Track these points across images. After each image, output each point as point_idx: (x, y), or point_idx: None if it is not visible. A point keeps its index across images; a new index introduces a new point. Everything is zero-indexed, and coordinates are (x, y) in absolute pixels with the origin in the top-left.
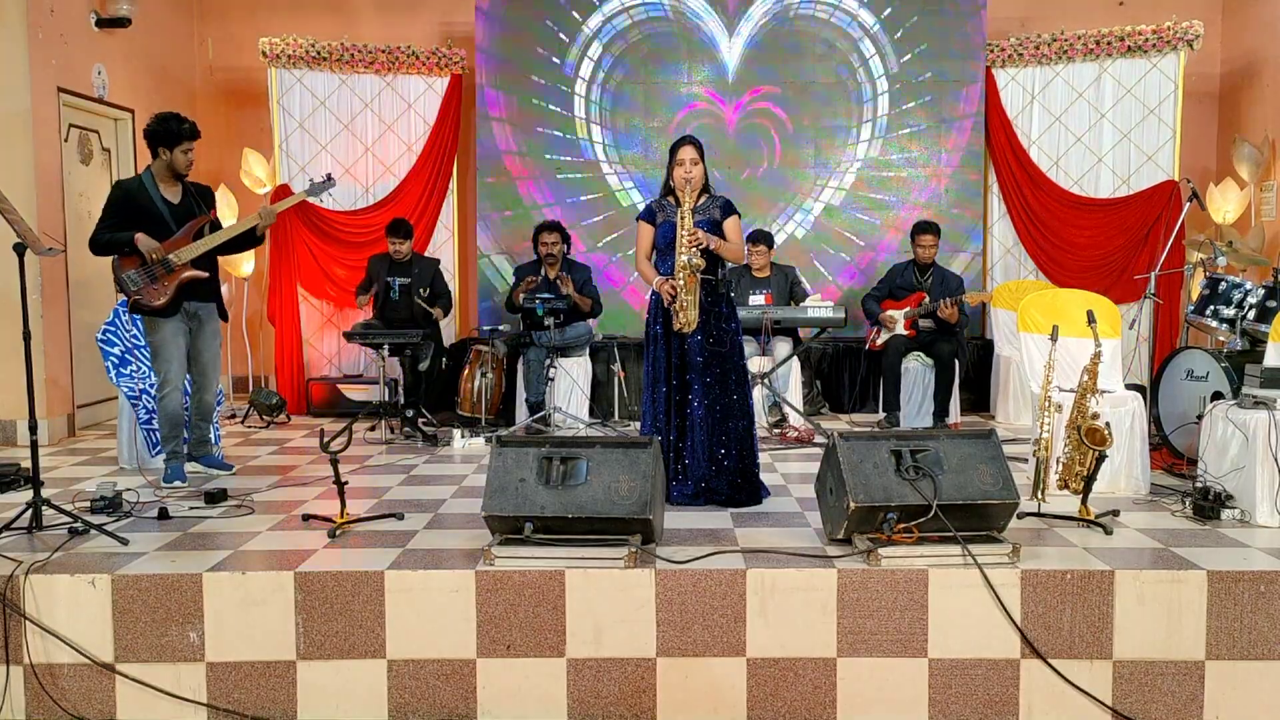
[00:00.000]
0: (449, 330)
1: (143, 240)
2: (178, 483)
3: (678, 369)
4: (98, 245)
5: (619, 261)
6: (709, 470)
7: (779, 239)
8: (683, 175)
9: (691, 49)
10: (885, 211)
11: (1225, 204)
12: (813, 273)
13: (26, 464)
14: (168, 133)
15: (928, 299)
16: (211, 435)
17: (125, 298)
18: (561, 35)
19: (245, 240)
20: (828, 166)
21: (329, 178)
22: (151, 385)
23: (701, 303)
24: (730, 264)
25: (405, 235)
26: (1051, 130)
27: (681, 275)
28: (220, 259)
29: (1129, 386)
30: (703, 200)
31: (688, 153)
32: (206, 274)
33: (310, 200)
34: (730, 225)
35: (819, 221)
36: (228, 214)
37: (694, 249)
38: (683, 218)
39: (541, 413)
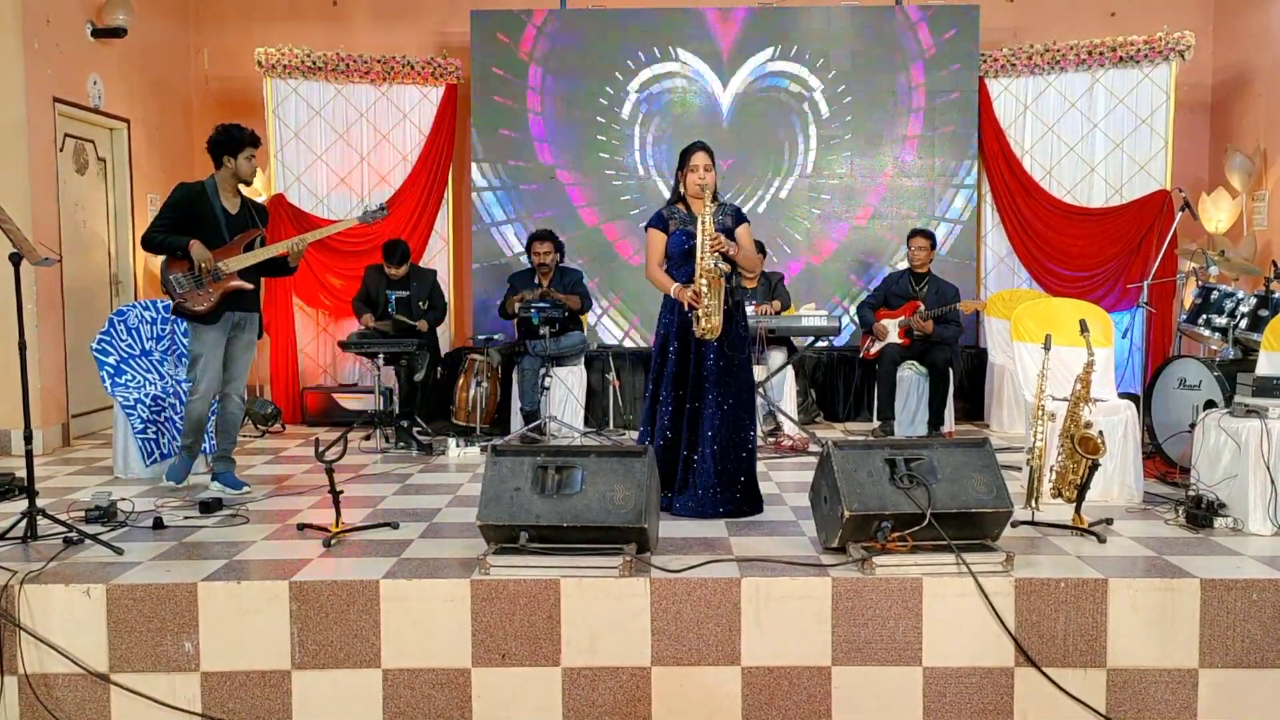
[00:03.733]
0: (444, 339)
1: (197, 248)
2: (172, 483)
3: (693, 379)
4: (151, 244)
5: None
6: (717, 481)
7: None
8: (697, 181)
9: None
10: (879, 220)
11: (1217, 213)
12: (809, 283)
13: (21, 473)
14: (231, 140)
15: (923, 307)
16: (232, 451)
17: (169, 300)
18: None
19: (280, 266)
20: (822, 175)
21: (383, 207)
22: (146, 394)
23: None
24: (744, 271)
25: (401, 260)
26: (1044, 140)
27: (706, 279)
28: None
29: (1122, 395)
30: (713, 208)
31: (701, 159)
32: (252, 286)
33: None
34: (742, 233)
35: (811, 230)
36: None
37: (717, 253)
38: (703, 222)
39: (536, 422)
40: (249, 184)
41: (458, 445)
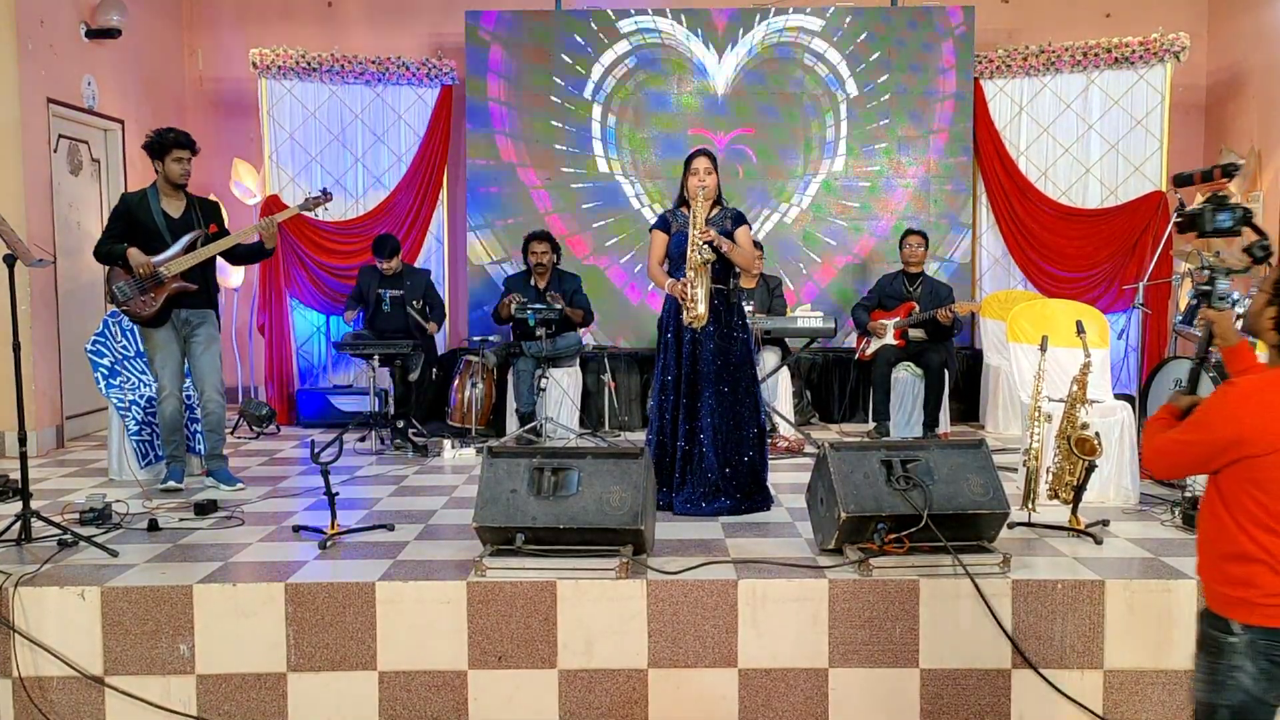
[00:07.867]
0: (439, 341)
1: (133, 255)
2: (172, 482)
3: (689, 378)
4: (99, 255)
5: (625, 264)
6: (719, 478)
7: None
8: (697, 183)
9: (681, 77)
10: (876, 222)
11: None
12: (802, 282)
13: (15, 475)
14: (157, 144)
15: (917, 309)
16: (223, 449)
17: (116, 307)
18: (563, 56)
19: (255, 252)
20: (818, 176)
21: (325, 192)
22: (141, 396)
23: (714, 313)
24: (741, 270)
25: (391, 254)
26: (1040, 141)
27: (693, 268)
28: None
29: (1118, 396)
30: (715, 213)
31: (701, 163)
32: (195, 286)
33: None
34: (741, 234)
35: (809, 232)
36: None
37: (705, 243)
38: (694, 217)
39: (532, 423)
40: (181, 186)
41: (453, 447)
